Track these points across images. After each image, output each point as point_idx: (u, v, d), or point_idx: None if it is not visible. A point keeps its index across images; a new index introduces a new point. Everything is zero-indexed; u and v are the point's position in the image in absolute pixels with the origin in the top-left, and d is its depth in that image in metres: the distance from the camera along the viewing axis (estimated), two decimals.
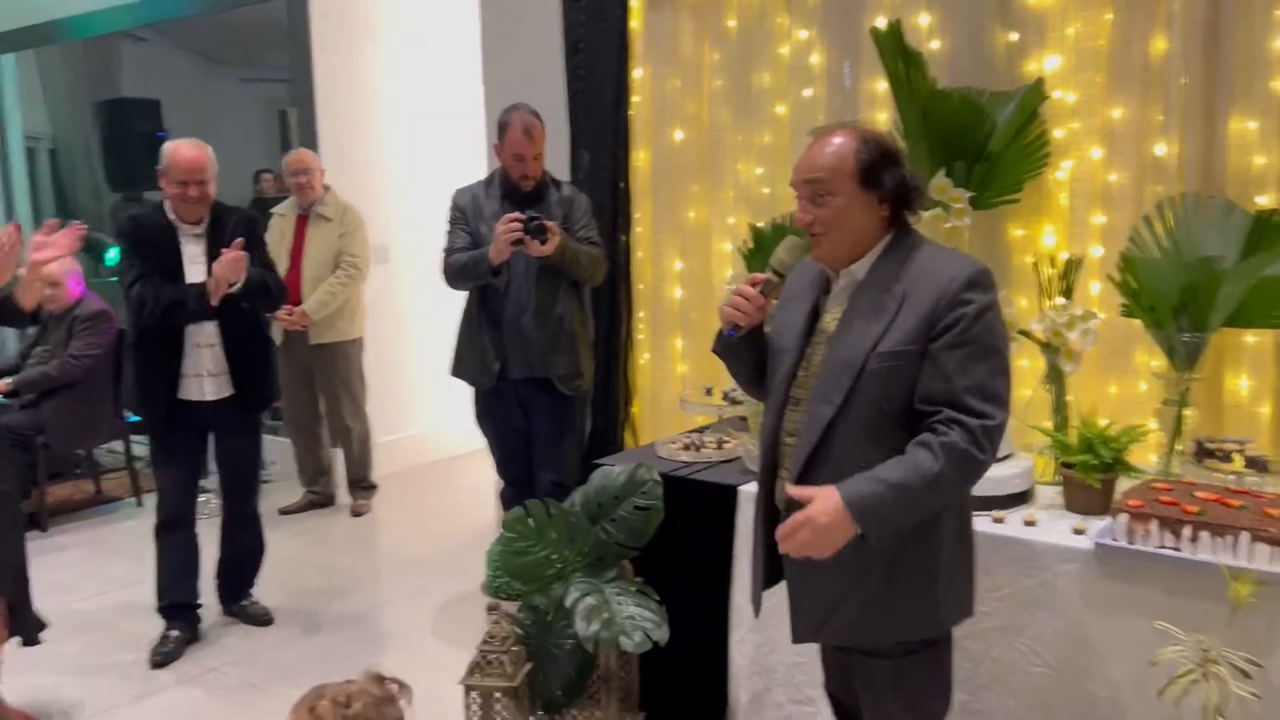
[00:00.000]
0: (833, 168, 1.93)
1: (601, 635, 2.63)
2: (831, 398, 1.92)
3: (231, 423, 3.69)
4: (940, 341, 1.85)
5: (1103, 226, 3.07)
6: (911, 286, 1.90)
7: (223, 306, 3.49)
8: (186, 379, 3.55)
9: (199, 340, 3.55)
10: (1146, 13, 2.95)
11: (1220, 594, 2.10)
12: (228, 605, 3.98)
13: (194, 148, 3.52)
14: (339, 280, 4.92)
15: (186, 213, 3.53)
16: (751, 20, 3.75)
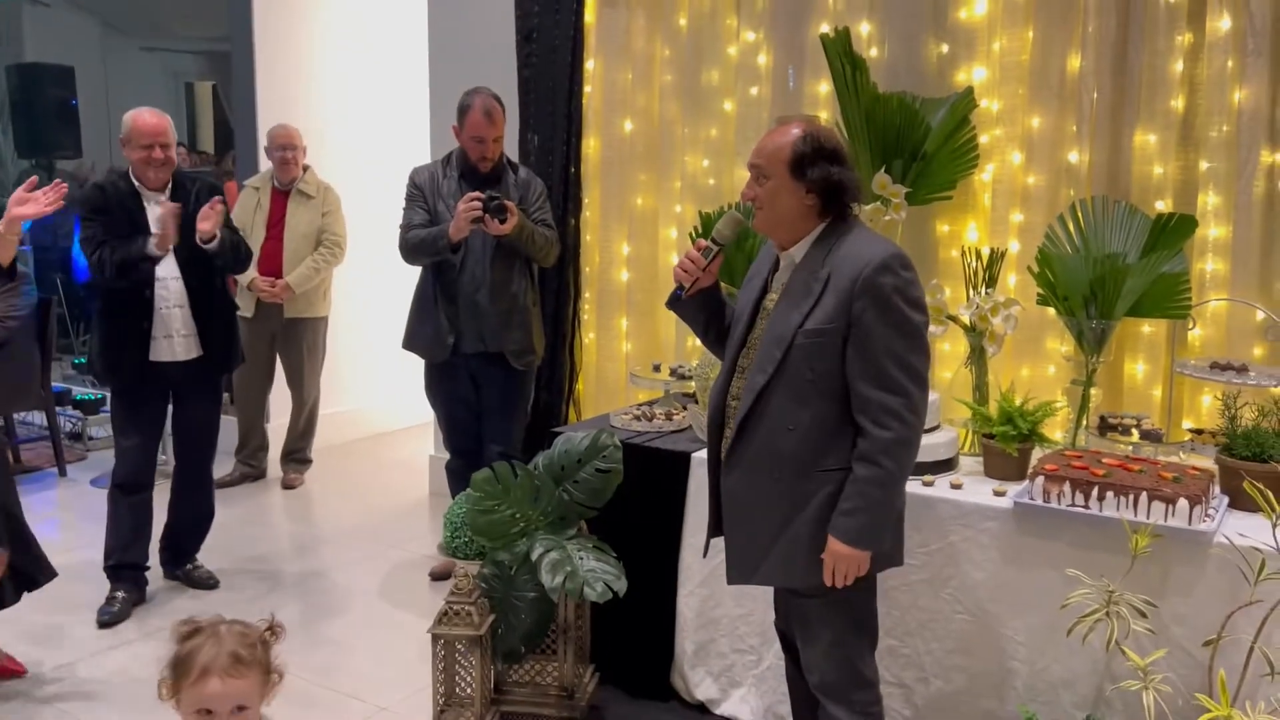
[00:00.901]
0: (770, 155, 2.21)
1: (567, 586, 2.81)
2: (765, 367, 2.20)
3: (196, 385, 3.77)
4: (860, 324, 2.11)
5: (1020, 224, 3.40)
6: (834, 269, 2.15)
7: (189, 267, 3.59)
8: (156, 340, 3.62)
9: (168, 301, 3.62)
10: (1065, 32, 3.28)
11: (1122, 546, 2.40)
12: (173, 570, 4.02)
13: (155, 115, 3.63)
14: (323, 257, 5.02)
15: (151, 177, 3.60)
16: (702, 20, 3.97)
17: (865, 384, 2.12)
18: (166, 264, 3.62)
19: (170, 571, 4.03)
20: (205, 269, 3.67)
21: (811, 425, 2.18)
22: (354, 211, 5.85)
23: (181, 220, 3.55)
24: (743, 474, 2.29)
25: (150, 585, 3.91)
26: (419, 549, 4.46)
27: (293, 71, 5.65)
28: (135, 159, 3.58)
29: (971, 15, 3.45)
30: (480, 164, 3.75)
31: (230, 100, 5.87)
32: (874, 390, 2.12)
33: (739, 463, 2.29)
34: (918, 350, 2.15)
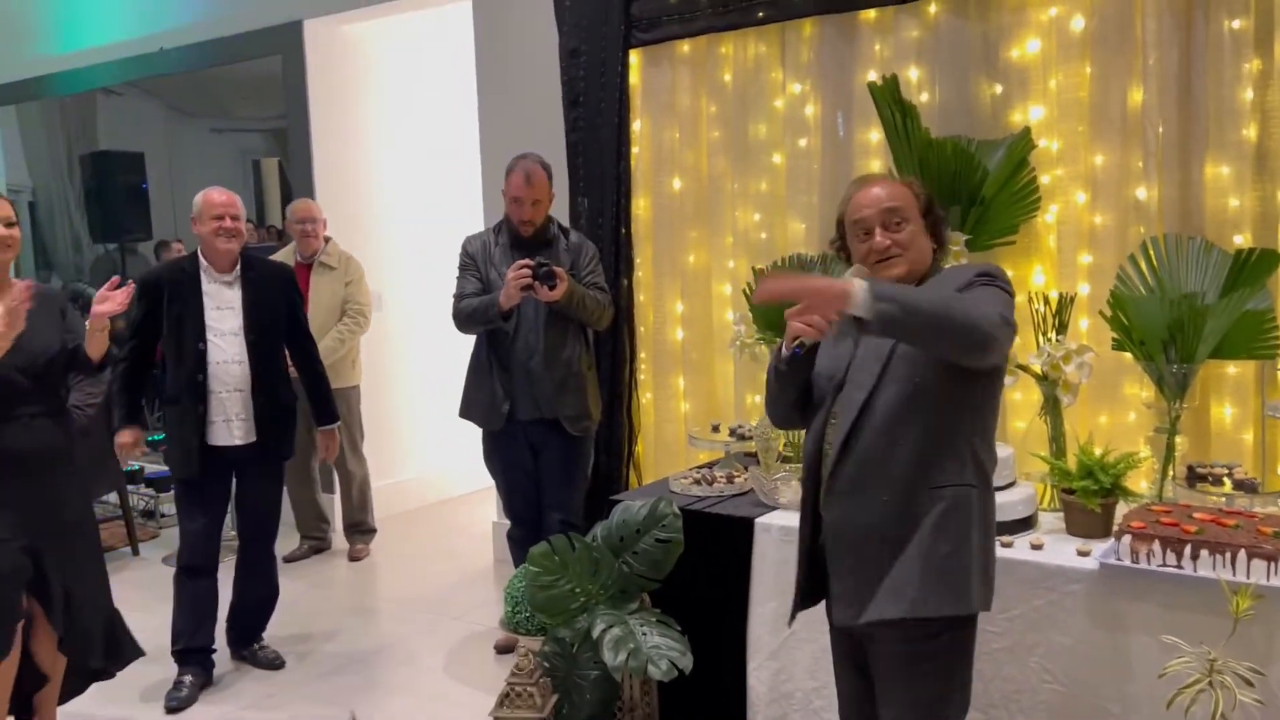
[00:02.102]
0: (904, 198, 2.18)
1: (630, 664, 2.72)
2: (864, 382, 2.12)
3: (256, 468, 3.77)
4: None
5: (1089, 266, 3.26)
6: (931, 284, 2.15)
7: (253, 353, 3.64)
8: (214, 425, 3.63)
9: (228, 385, 3.64)
10: (1123, 66, 3.17)
11: (1221, 608, 2.23)
12: (239, 650, 4.01)
13: (223, 191, 3.72)
14: (347, 328, 5.02)
15: (222, 250, 3.64)
16: (747, 75, 3.93)
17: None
18: (231, 347, 3.64)
19: (237, 652, 4.01)
20: (269, 355, 3.69)
21: (919, 438, 2.07)
22: (410, 280, 5.92)
23: (255, 302, 3.65)
24: (847, 501, 2.14)
25: (217, 668, 3.89)
26: (483, 619, 4.39)
27: (347, 144, 5.75)
28: (207, 232, 3.63)
29: (1024, 54, 3.35)
30: (521, 227, 3.73)
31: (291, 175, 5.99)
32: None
33: (842, 490, 2.15)
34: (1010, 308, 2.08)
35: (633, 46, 4.15)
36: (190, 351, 3.60)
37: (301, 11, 5.51)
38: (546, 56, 4.44)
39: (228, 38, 5.85)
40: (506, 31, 4.68)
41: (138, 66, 6.42)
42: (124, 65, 6.50)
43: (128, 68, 6.49)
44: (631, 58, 4.18)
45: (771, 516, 3.02)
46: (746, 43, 3.91)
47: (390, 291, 5.78)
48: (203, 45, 5.98)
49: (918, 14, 3.51)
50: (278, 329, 3.76)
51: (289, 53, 5.61)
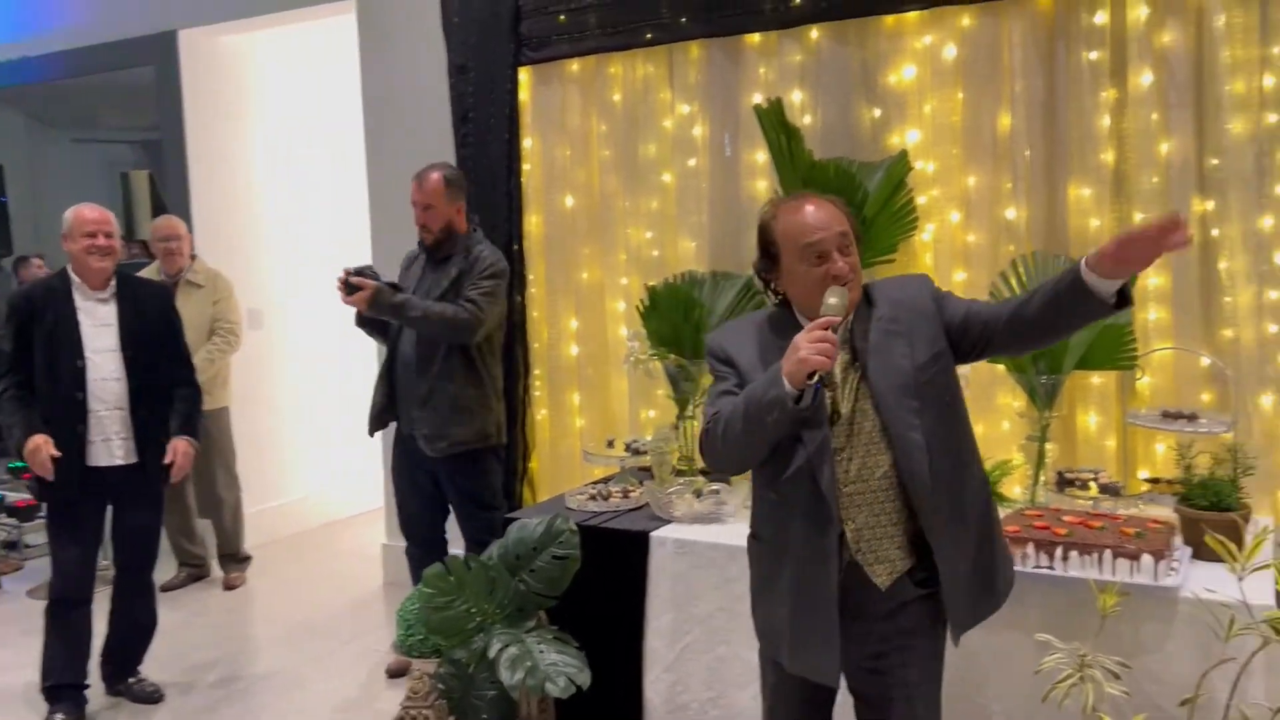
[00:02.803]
0: (850, 223, 2.11)
1: (528, 683, 2.71)
2: (911, 421, 2.05)
3: (135, 492, 3.61)
4: (949, 312, 2.11)
5: (963, 283, 3.42)
6: (894, 307, 2.10)
7: (131, 370, 3.50)
8: (94, 444, 3.48)
9: (106, 403, 3.50)
10: (993, 92, 3.34)
11: (1090, 606, 2.35)
12: (115, 684, 3.82)
13: (96, 208, 3.59)
14: (217, 347, 4.86)
15: (95, 269, 3.51)
16: (636, 95, 3.99)
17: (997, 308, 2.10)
18: (108, 364, 3.51)
19: (112, 686, 3.83)
20: (148, 372, 3.56)
21: (965, 441, 2.15)
22: (292, 297, 5.78)
23: (131, 319, 3.52)
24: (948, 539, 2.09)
25: (90, 704, 3.71)
26: (374, 643, 4.30)
27: (226, 157, 5.58)
28: (78, 249, 3.49)
29: (901, 79, 3.49)
30: (421, 233, 3.71)
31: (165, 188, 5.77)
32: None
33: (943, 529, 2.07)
34: None
35: (522, 64, 4.17)
36: (67, 369, 3.45)
37: (176, 21, 5.33)
38: (434, 72, 4.42)
39: (97, 46, 5.61)
40: (392, 46, 4.64)
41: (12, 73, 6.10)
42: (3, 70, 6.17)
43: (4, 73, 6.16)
44: (521, 75, 4.19)
45: (667, 530, 3.06)
46: (635, 63, 3.97)
47: (272, 308, 5.63)
48: (70, 53, 5.73)
49: (800, 39, 3.63)
50: (157, 347, 3.62)
51: (163, 63, 5.42)
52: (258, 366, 5.47)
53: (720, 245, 3.86)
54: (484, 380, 3.69)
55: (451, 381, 3.62)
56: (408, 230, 4.62)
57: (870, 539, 2.08)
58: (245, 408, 5.21)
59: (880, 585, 2.08)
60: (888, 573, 2.09)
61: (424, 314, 3.55)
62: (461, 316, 3.56)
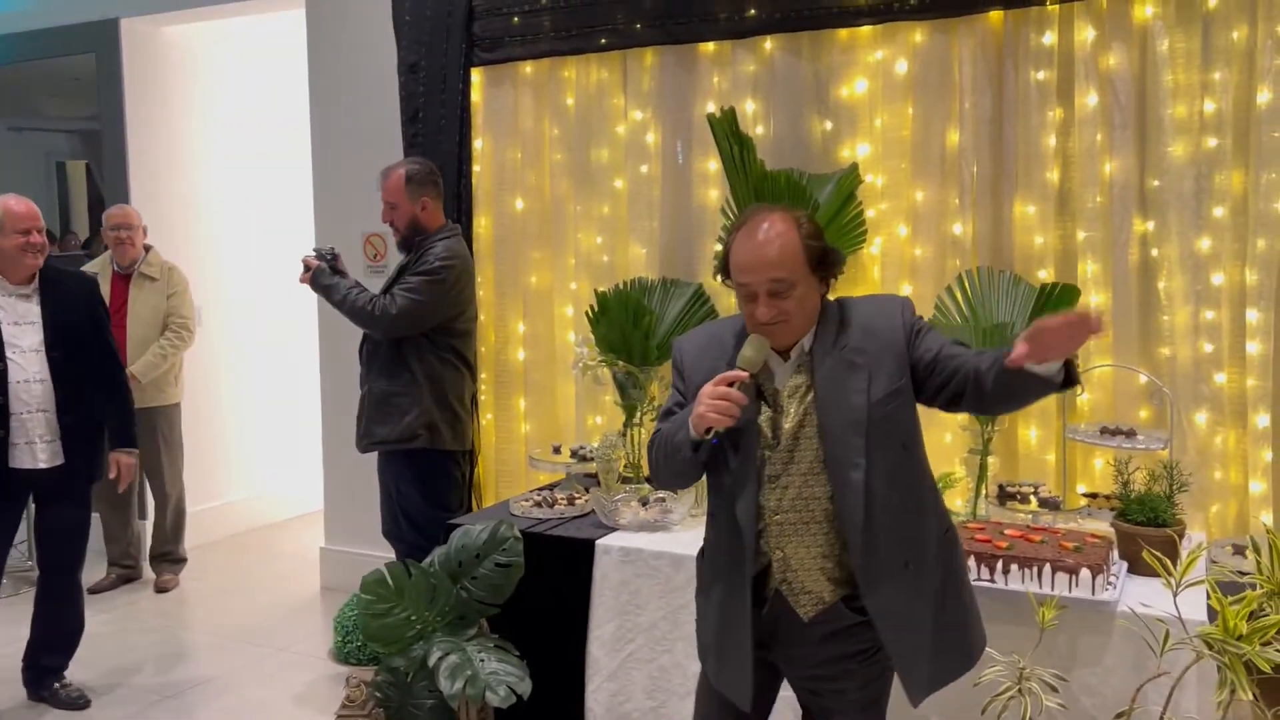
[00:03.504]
0: (790, 263, 1.94)
1: (468, 692, 2.67)
2: (854, 459, 1.95)
3: (61, 493, 3.50)
4: (920, 349, 2.01)
5: (910, 296, 3.43)
6: (864, 336, 2.00)
7: (56, 370, 3.40)
8: (16, 447, 3.37)
9: (29, 405, 3.39)
10: (943, 108, 3.38)
11: (1029, 619, 2.38)
12: (37, 690, 3.69)
13: (21, 200, 3.47)
14: (170, 342, 4.73)
15: (21, 270, 3.42)
16: (590, 99, 3.97)
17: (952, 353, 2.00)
18: (31, 365, 3.41)
19: (35, 693, 3.69)
20: (75, 372, 3.46)
21: (920, 489, 2.05)
22: (235, 292, 5.66)
23: (57, 316, 3.41)
24: (887, 584, 2.01)
25: (8, 704, 3.59)
26: (310, 649, 4.21)
27: (167, 149, 5.45)
28: (13, 246, 3.38)
29: (853, 93, 3.52)
30: (393, 231, 3.71)
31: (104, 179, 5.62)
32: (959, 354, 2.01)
33: (880, 574, 2.00)
34: None
35: (475, 65, 4.13)
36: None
37: (118, 9, 5.20)
38: (383, 69, 4.36)
39: (36, 31, 5.46)
40: (341, 42, 4.57)
41: None
42: None
43: None
44: (473, 76, 4.15)
45: (612, 538, 3.04)
46: (589, 68, 3.95)
47: (215, 305, 5.50)
48: (7, 39, 5.56)
49: (754, 49, 3.64)
50: (84, 344, 3.51)
51: (103, 51, 5.28)
52: (199, 363, 5.34)
53: (671, 252, 3.85)
54: (416, 379, 3.58)
55: (382, 377, 3.60)
56: (352, 226, 4.59)
57: (797, 569, 2.04)
58: (187, 404, 5.07)
59: (803, 616, 2.05)
60: (812, 604, 2.05)
61: (342, 299, 3.56)
62: (370, 309, 3.51)
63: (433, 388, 3.59)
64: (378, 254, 4.59)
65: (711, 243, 3.68)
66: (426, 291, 3.50)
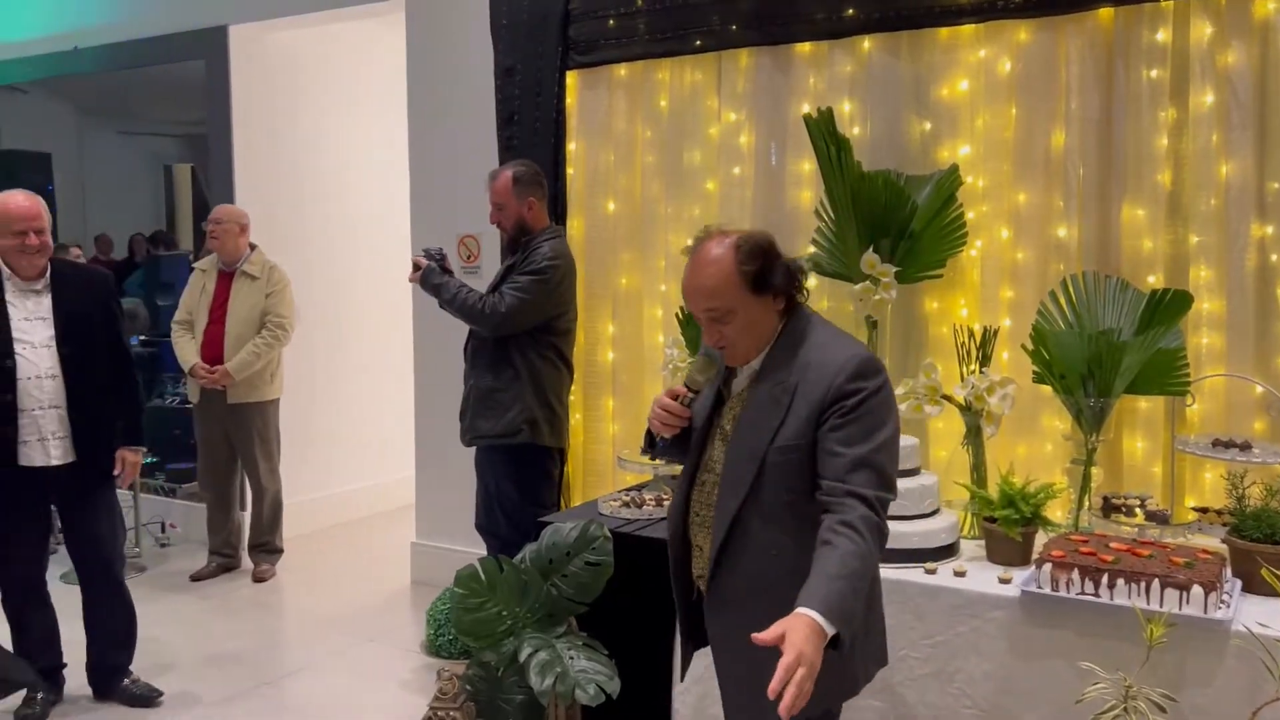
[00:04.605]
0: (724, 291, 1.93)
1: (557, 689, 2.68)
2: (738, 490, 1.97)
3: (82, 495, 3.49)
4: (827, 424, 1.90)
5: (1011, 300, 3.36)
6: (802, 377, 1.94)
7: (67, 366, 3.38)
8: (28, 444, 3.34)
9: (41, 402, 3.36)
10: (1047, 109, 3.28)
11: (1135, 635, 2.30)
12: (106, 692, 3.68)
13: (27, 197, 3.40)
14: (265, 341, 4.87)
15: (26, 267, 3.37)
16: (683, 102, 3.97)
17: (833, 477, 1.87)
18: (43, 360, 3.36)
19: (103, 694, 3.69)
20: (87, 368, 3.43)
21: (796, 549, 1.91)
22: (334, 291, 5.80)
23: (68, 311, 3.39)
24: (731, 613, 2.02)
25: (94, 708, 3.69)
26: (401, 641, 4.29)
27: (272, 152, 5.62)
28: (8, 246, 3.33)
29: (954, 92, 3.45)
30: (498, 228, 3.79)
31: (209, 182, 5.83)
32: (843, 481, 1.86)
33: (725, 601, 2.03)
34: (887, 451, 1.92)
35: (570, 68, 4.16)
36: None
37: (227, 16, 5.38)
38: (481, 74, 4.42)
39: (148, 39, 5.67)
40: (440, 47, 4.65)
41: (48, 65, 6.18)
42: (33, 63, 6.25)
43: (37, 66, 6.24)
44: (568, 79, 4.18)
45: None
46: (683, 70, 3.95)
47: (314, 303, 5.65)
48: (121, 46, 5.79)
49: (851, 49, 3.59)
50: (95, 340, 3.46)
51: (213, 57, 5.47)
52: (299, 360, 5.49)
53: None
54: (519, 376, 3.64)
55: (487, 373, 3.67)
56: (448, 229, 4.67)
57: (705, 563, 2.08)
58: (286, 400, 5.22)
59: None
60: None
61: (452, 298, 3.63)
62: (481, 307, 3.59)
63: (534, 385, 3.65)
64: (471, 255, 4.66)
65: (804, 244, 3.64)
66: (534, 290, 3.57)
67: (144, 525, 5.49)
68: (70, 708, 3.67)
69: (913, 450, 2.96)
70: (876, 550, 1.84)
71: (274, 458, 5.09)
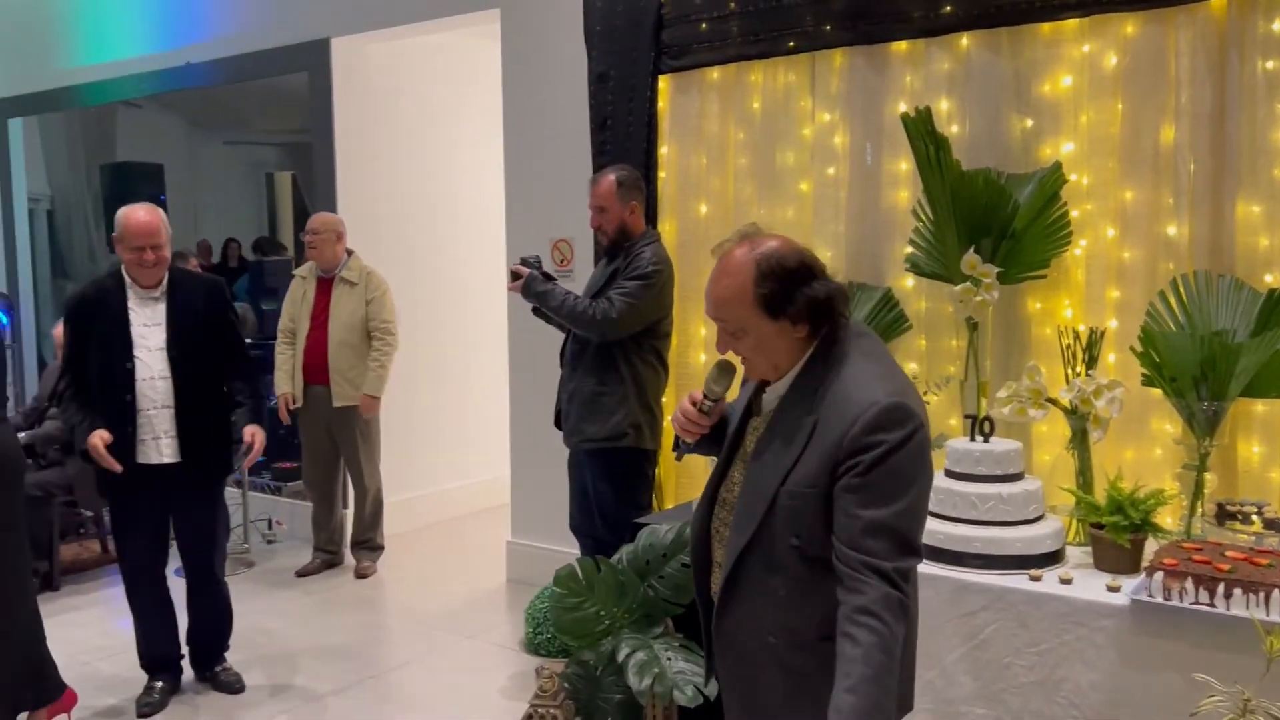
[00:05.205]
0: (734, 306, 1.79)
1: (655, 690, 2.71)
2: (745, 527, 1.83)
3: (191, 491, 3.66)
4: (842, 481, 1.72)
5: (1118, 301, 3.27)
6: (822, 415, 1.76)
7: (176, 368, 3.54)
8: (144, 443, 3.53)
9: (155, 402, 3.53)
10: (1156, 103, 3.19)
11: (1253, 647, 2.22)
12: (201, 672, 3.94)
13: (148, 212, 3.53)
14: (379, 350, 5.03)
15: (144, 277, 3.55)
16: (776, 103, 3.96)
17: (848, 543, 1.70)
18: (156, 363, 3.54)
19: (199, 674, 3.94)
20: (195, 370, 3.59)
21: (803, 592, 1.79)
22: (431, 295, 5.94)
23: (179, 317, 3.57)
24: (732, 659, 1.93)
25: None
26: (499, 638, 4.38)
27: (371, 160, 5.78)
28: (127, 260, 3.52)
29: (1056, 88, 3.37)
30: (598, 235, 3.83)
31: (310, 190, 6.02)
32: (858, 549, 1.69)
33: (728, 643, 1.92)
34: (910, 514, 1.73)
35: (662, 72, 4.19)
36: (118, 371, 3.49)
37: (329, 30, 5.55)
38: (574, 80, 4.48)
39: (254, 53, 5.88)
40: (534, 54, 4.73)
41: (161, 80, 6.46)
42: (147, 79, 6.54)
43: (151, 81, 6.53)
44: (660, 83, 4.21)
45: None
46: (776, 71, 3.95)
47: (411, 308, 5.79)
48: (228, 60, 6.02)
49: (949, 47, 3.54)
50: (206, 344, 3.62)
51: (315, 70, 5.65)
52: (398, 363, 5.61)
53: (858, 255, 3.80)
54: (623, 379, 3.69)
55: (591, 377, 3.70)
56: (542, 233, 4.75)
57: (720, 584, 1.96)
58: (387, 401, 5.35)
59: None
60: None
61: (560, 305, 3.66)
62: (590, 313, 3.61)
63: (637, 388, 3.69)
64: (565, 259, 4.73)
65: (901, 245, 3.61)
66: (641, 295, 3.61)
67: (252, 522, 5.69)
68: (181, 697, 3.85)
69: (1016, 454, 2.91)
70: (900, 628, 1.69)
71: (375, 458, 5.23)
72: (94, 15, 6.85)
